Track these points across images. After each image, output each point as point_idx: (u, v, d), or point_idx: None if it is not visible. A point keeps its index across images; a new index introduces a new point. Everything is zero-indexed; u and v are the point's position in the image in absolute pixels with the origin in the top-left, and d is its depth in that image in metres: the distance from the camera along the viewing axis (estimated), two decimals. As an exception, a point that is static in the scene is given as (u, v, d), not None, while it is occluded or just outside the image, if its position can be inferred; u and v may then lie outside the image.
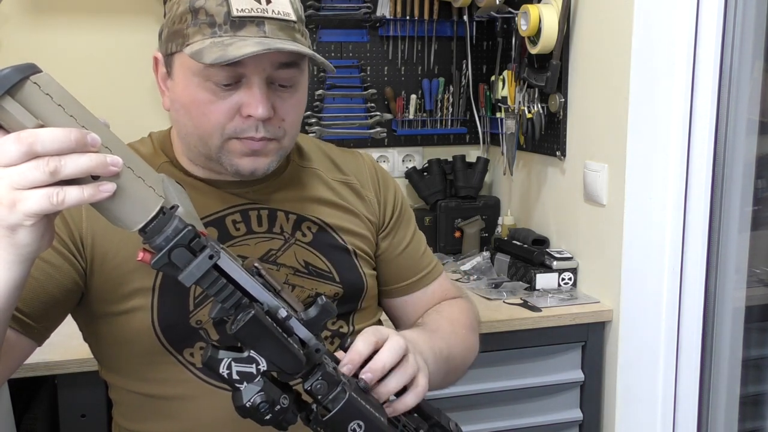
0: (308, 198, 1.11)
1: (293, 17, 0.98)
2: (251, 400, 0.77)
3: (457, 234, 2.34)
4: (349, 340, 0.89)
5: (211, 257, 0.74)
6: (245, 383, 0.77)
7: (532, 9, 1.93)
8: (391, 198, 1.21)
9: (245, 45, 0.91)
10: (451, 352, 1.09)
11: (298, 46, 0.95)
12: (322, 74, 2.31)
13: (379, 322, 1.20)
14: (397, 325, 1.25)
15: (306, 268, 1.07)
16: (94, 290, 1.00)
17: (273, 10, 0.96)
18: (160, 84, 1.04)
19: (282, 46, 0.93)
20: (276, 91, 0.98)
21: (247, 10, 0.94)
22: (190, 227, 0.74)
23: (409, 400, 0.89)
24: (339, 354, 0.89)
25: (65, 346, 1.42)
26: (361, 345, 0.87)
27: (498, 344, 1.76)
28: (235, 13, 0.94)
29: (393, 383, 0.88)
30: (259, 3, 0.95)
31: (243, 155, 0.99)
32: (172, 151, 1.08)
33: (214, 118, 0.97)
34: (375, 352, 0.88)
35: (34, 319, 0.95)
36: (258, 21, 0.94)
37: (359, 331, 1.10)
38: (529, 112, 2.08)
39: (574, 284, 1.98)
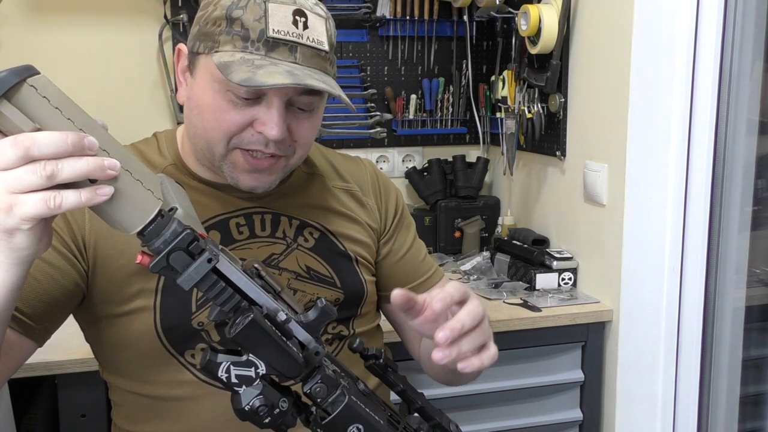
0: (311, 204, 1.11)
1: (326, 47, 0.97)
2: (250, 404, 0.77)
3: (457, 234, 2.33)
4: (358, 340, 0.88)
5: (209, 260, 0.73)
6: (244, 387, 0.77)
7: (532, 9, 1.93)
8: (392, 204, 1.21)
9: (275, 72, 0.90)
10: None
11: (326, 84, 0.94)
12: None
13: (378, 327, 1.20)
14: (397, 330, 1.25)
15: (307, 273, 1.07)
16: (97, 292, 1.00)
17: (308, 37, 0.95)
18: (179, 75, 1.03)
19: (310, 83, 0.91)
20: (294, 113, 0.98)
21: (283, 33, 0.93)
22: (188, 230, 0.73)
23: (486, 360, 0.89)
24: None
25: (65, 346, 1.42)
26: (452, 290, 0.86)
27: (498, 344, 1.74)
28: (271, 33, 0.92)
29: (467, 345, 0.86)
30: (296, 27, 0.94)
31: (245, 171, 0.99)
32: (178, 152, 1.08)
33: (225, 126, 0.96)
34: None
35: (35, 320, 0.95)
36: (291, 46, 0.94)
37: (359, 335, 1.11)
38: (529, 112, 2.07)
39: (574, 284, 1.98)
